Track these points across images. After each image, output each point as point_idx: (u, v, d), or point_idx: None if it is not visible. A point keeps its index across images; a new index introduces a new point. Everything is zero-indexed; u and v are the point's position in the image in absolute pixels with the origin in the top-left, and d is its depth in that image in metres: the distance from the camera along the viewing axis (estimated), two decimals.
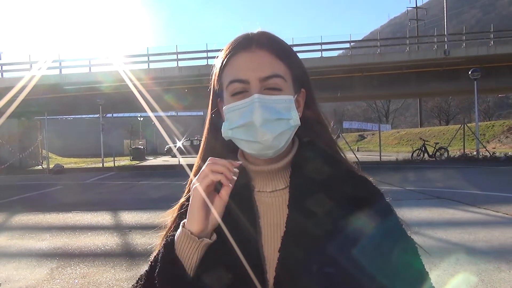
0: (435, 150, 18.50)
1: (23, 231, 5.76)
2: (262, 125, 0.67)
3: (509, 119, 31.95)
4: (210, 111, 0.79)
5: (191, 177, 0.80)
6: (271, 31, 0.76)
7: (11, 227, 6.19)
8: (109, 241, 4.97)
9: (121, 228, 5.74)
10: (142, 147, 34.32)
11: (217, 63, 0.76)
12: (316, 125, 0.79)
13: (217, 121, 0.78)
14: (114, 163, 20.83)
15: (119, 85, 19.42)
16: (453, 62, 20.25)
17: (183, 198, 0.80)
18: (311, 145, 0.77)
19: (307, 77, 0.79)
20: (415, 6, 46.09)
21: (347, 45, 22.28)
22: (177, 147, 26.73)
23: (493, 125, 27.36)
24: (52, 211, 7.27)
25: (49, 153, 21.20)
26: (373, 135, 41.93)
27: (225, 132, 0.72)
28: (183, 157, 21.31)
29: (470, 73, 17.42)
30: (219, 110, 0.78)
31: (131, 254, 4.40)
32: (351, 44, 22.12)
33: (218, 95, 0.77)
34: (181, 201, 0.80)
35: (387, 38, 43.42)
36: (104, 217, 6.62)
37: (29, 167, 21.52)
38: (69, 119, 48.02)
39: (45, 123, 20.52)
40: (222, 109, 0.75)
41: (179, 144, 28.77)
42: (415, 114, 54.76)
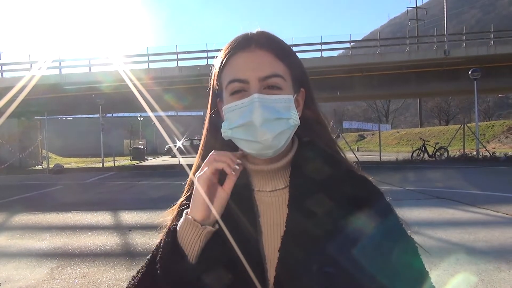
0: (435, 150, 18.50)
1: (23, 231, 5.75)
2: (261, 124, 0.66)
3: (509, 119, 31.95)
4: (209, 111, 0.79)
5: (190, 176, 0.80)
6: (270, 31, 0.76)
7: (11, 227, 6.20)
8: (109, 241, 4.97)
9: (121, 228, 5.74)
10: (142, 147, 34.33)
11: (216, 63, 0.76)
12: (315, 125, 0.79)
13: (216, 121, 0.77)
14: (114, 163, 20.82)
15: (119, 85, 19.42)
16: (453, 62, 20.25)
17: (183, 197, 0.80)
18: (311, 145, 0.77)
19: (307, 77, 0.79)
20: (415, 6, 46.12)
21: (347, 45, 22.30)
22: (177, 147, 26.70)
23: (493, 125, 27.36)
24: (52, 211, 7.27)
25: (49, 153, 21.20)
26: (373, 135, 41.92)
27: (224, 132, 0.72)
28: (183, 157, 21.29)
29: (470, 73, 17.42)
30: (219, 110, 0.78)
31: (131, 254, 4.40)
32: (351, 44, 22.13)
33: (217, 95, 0.77)
34: (181, 200, 0.80)
35: (387, 38, 43.45)
36: (104, 217, 6.62)
37: (29, 167, 21.52)
38: (69, 119, 47.99)
39: (45, 123, 20.52)
40: (222, 109, 0.75)
41: (179, 144, 28.74)
42: (415, 114, 54.75)
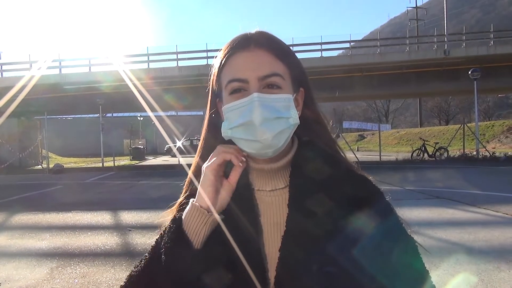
0: (435, 150, 18.50)
1: (23, 230, 5.75)
2: (261, 124, 0.66)
3: (509, 119, 31.95)
4: (209, 111, 0.79)
5: (189, 175, 0.80)
6: (269, 31, 0.76)
7: (11, 227, 6.19)
8: (109, 240, 4.97)
9: (121, 228, 5.74)
10: (142, 147, 34.35)
11: (215, 63, 0.76)
12: (315, 125, 0.79)
13: (216, 120, 0.77)
14: (114, 162, 20.81)
15: (119, 85, 19.42)
16: (453, 62, 20.25)
17: (182, 197, 0.80)
18: (311, 144, 0.77)
19: (306, 77, 0.79)
20: (415, 6, 46.12)
21: (347, 45, 22.30)
22: (177, 147, 26.70)
23: (493, 125, 27.35)
24: (52, 211, 7.27)
25: (49, 152, 21.20)
26: (373, 135, 41.92)
27: (224, 131, 0.72)
28: (183, 157, 21.28)
29: (470, 73, 17.43)
30: (218, 110, 0.78)
31: (131, 253, 4.40)
32: (351, 44, 22.13)
33: (217, 95, 0.77)
34: (180, 200, 0.80)
35: (387, 38, 43.47)
36: (104, 217, 6.62)
37: (29, 166, 21.52)
38: (69, 118, 47.99)
39: (45, 122, 20.52)
40: (221, 109, 0.75)
41: (179, 143, 28.74)
42: (415, 114, 54.76)
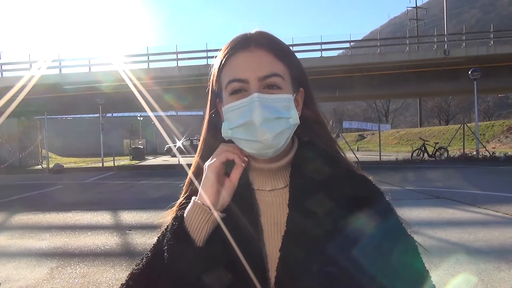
0: (434, 150, 18.49)
1: (23, 230, 5.75)
2: (262, 124, 0.66)
3: (509, 119, 31.96)
4: (208, 111, 0.79)
5: (190, 175, 0.80)
6: (269, 31, 0.76)
7: (11, 227, 6.19)
8: (109, 240, 4.97)
9: (121, 228, 5.74)
10: (142, 147, 34.35)
11: (215, 63, 0.76)
12: (315, 125, 0.79)
13: (216, 120, 0.77)
14: (114, 162, 20.81)
15: (119, 85, 19.41)
16: (453, 62, 20.25)
17: (182, 198, 0.80)
18: (311, 144, 0.77)
19: (306, 77, 0.79)
20: (415, 6, 46.11)
21: (347, 45, 22.30)
22: (176, 147, 26.71)
23: (493, 125, 27.35)
24: (52, 211, 7.27)
25: (49, 152, 21.20)
26: (373, 135, 41.91)
27: (225, 132, 0.72)
28: (182, 157, 21.28)
29: (470, 73, 17.43)
30: (218, 110, 0.78)
31: (131, 253, 4.40)
32: (351, 44, 22.14)
33: (217, 95, 0.77)
34: (180, 201, 0.79)
35: (387, 38, 43.42)
36: (104, 217, 6.62)
37: (29, 166, 21.53)
38: (69, 118, 48.00)
39: (45, 122, 20.51)
40: (221, 109, 0.75)
41: (179, 143, 28.75)
42: (415, 114, 54.77)
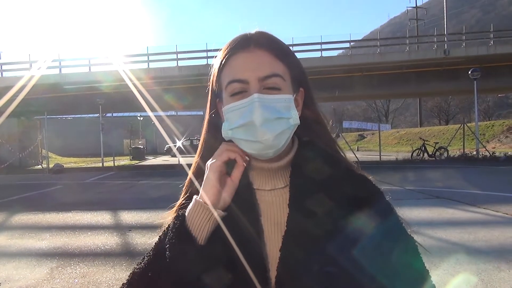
0: (434, 149, 18.49)
1: (23, 230, 5.75)
2: (262, 124, 0.66)
3: (509, 119, 31.97)
4: (208, 111, 0.79)
5: (190, 175, 0.80)
6: (269, 31, 0.76)
7: (11, 227, 6.19)
8: (109, 240, 4.97)
9: (121, 228, 5.74)
10: (142, 147, 34.35)
11: (215, 64, 0.76)
12: (315, 125, 0.79)
13: (216, 121, 0.77)
14: (114, 162, 20.81)
15: (119, 85, 19.42)
16: (453, 62, 20.25)
17: (182, 198, 0.79)
18: (311, 144, 0.77)
19: (306, 77, 0.79)
20: (415, 5, 46.08)
21: (347, 44, 22.29)
22: (176, 147, 26.72)
23: (493, 125, 27.35)
24: (52, 211, 7.27)
25: (49, 152, 21.20)
26: (373, 134, 41.91)
27: (225, 132, 0.72)
28: (182, 157, 21.28)
29: (470, 73, 17.43)
30: (218, 110, 0.78)
31: (131, 253, 4.40)
32: (351, 43, 22.12)
33: (217, 95, 0.77)
34: (180, 202, 0.79)
35: (387, 38, 43.42)
36: (104, 217, 6.62)
37: (29, 166, 21.53)
38: (69, 118, 48.02)
39: (45, 122, 20.50)
40: (221, 109, 0.75)
41: (179, 143, 28.75)
42: (415, 113, 54.76)
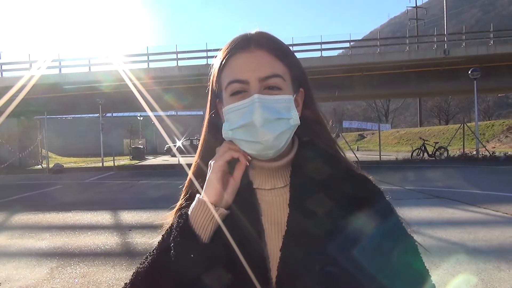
0: (434, 149, 18.49)
1: (23, 230, 5.75)
2: (262, 125, 0.67)
3: (509, 119, 31.97)
4: (208, 112, 0.79)
5: (190, 176, 0.80)
6: (269, 31, 0.76)
7: (11, 227, 6.20)
8: (109, 240, 4.97)
9: (121, 228, 5.74)
10: (142, 147, 34.35)
11: (215, 64, 0.76)
12: (315, 125, 0.79)
13: (216, 121, 0.77)
14: (114, 162, 20.81)
15: (118, 85, 19.42)
16: (453, 61, 20.25)
17: (182, 199, 0.79)
18: (311, 144, 0.77)
19: (306, 77, 0.79)
20: (415, 5, 46.07)
21: (347, 44, 22.28)
22: (176, 147, 26.71)
23: (493, 125, 27.34)
24: (52, 211, 7.27)
25: (48, 152, 21.19)
26: (372, 134, 41.89)
27: (225, 133, 0.72)
28: (182, 157, 21.29)
29: (469, 72, 17.43)
30: (218, 111, 0.78)
31: (131, 253, 4.40)
32: (351, 43, 22.12)
33: (217, 95, 0.77)
34: (180, 202, 0.79)
35: (387, 38, 43.30)
36: (104, 217, 6.62)
37: (28, 166, 21.52)
38: (69, 118, 48.02)
39: (45, 122, 20.50)
40: (221, 109, 0.75)
41: (179, 143, 28.75)
42: (415, 113, 54.77)
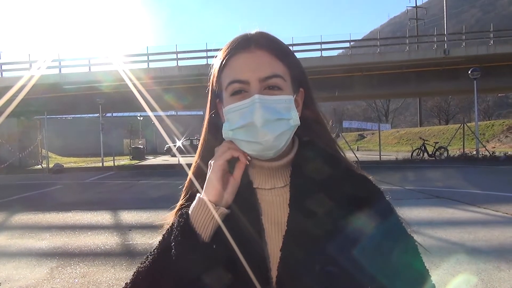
0: (434, 149, 18.49)
1: (23, 230, 5.76)
2: (263, 125, 0.66)
3: (509, 119, 31.98)
4: (208, 112, 0.79)
5: (190, 176, 0.80)
6: (269, 31, 0.76)
7: (11, 227, 6.20)
8: (109, 240, 4.97)
9: (121, 228, 5.74)
10: (142, 147, 34.36)
11: (215, 64, 0.76)
12: (315, 125, 0.79)
13: (216, 121, 0.77)
14: (114, 162, 20.81)
15: (118, 85, 19.41)
16: (452, 61, 20.25)
17: (182, 200, 0.79)
18: (311, 144, 0.77)
19: (306, 77, 0.79)
20: (415, 5, 46.05)
21: (347, 44, 22.28)
22: (176, 147, 26.72)
23: (493, 125, 27.35)
24: (52, 211, 7.27)
25: (48, 152, 21.19)
26: (372, 134, 41.89)
27: (225, 133, 0.72)
28: (182, 157, 21.29)
29: (469, 72, 17.43)
30: (218, 111, 0.78)
31: (131, 253, 4.40)
32: (351, 43, 22.12)
33: (217, 95, 0.77)
34: (180, 203, 0.79)
35: (387, 38, 43.29)
36: (104, 217, 6.62)
37: (28, 166, 21.52)
38: (68, 118, 48.03)
39: (45, 122, 20.50)
40: (221, 109, 0.75)
41: (179, 143, 28.75)
42: (415, 113, 54.78)
